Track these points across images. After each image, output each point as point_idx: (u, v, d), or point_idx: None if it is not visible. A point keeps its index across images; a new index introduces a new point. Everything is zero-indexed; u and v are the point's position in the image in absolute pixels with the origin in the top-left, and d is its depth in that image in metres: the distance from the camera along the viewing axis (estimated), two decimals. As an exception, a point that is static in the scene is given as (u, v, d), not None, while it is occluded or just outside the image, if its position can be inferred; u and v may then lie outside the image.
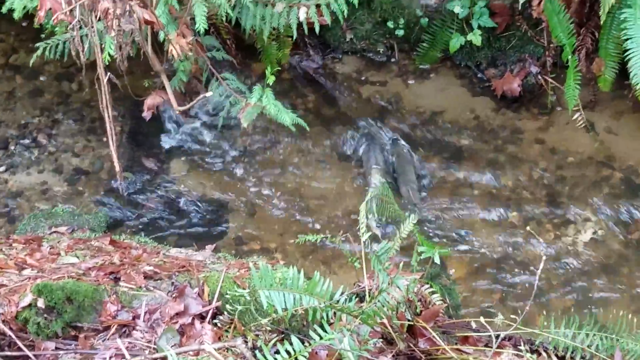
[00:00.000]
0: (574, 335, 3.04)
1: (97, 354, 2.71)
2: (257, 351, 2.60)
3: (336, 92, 4.95)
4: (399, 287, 2.83)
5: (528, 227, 4.21)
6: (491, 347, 2.95)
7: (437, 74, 5.05)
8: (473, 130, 4.73)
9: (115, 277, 3.01)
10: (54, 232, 3.93)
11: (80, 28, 3.66)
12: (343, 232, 3.72)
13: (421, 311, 3.06)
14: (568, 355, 3.03)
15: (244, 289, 2.84)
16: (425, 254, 3.01)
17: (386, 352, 2.90)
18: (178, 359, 2.58)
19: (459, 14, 4.72)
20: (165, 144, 4.62)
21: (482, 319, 2.85)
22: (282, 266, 3.08)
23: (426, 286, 3.27)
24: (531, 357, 2.89)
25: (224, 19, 4.17)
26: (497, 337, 3.05)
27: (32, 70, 4.79)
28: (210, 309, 2.89)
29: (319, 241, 3.17)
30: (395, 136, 4.66)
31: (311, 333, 2.64)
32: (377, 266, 2.85)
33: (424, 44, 4.96)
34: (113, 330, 2.80)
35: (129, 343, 2.74)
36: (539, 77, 4.84)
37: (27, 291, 2.80)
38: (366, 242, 2.99)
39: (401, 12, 4.90)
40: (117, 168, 4.15)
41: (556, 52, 4.72)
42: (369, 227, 3.03)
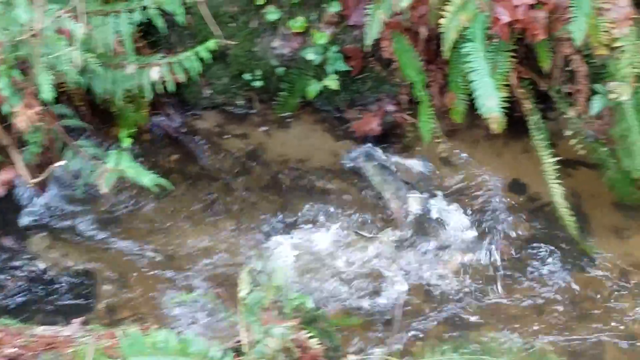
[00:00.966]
0: (450, 361, 3.12)
1: None
2: (132, 421, 2.54)
3: (199, 149, 4.92)
4: (274, 337, 2.83)
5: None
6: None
7: (298, 120, 5.09)
8: (339, 173, 4.78)
9: (-25, 364, 2.89)
10: None
11: None
12: (218, 287, 3.74)
13: (300, 357, 3.06)
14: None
15: (115, 359, 2.78)
16: (298, 300, 3.02)
17: (267, 403, 2.88)
18: None
19: (313, 60, 4.79)
20: (23, 219, 4.48)
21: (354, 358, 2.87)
22: (154, 330, 3.01)
23: (304, 332, 3.27)
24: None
25: (73, 85, 4.10)
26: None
27: None
28: (81, 385, 2.81)
29: (191, 300, 3.15)
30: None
31: (188, 395, 2.61)
32: (249, 318, 2.84)
33: (283, 93, 5.00)
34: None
35: None
36: (397, 115, 4.96)
37: None
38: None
39: (257, 63, 4.93)
40: (-29, 250, 4.00)
41: (410, 89, 4.83)
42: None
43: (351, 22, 4.77)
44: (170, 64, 4.23)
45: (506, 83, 4.31)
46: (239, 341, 3.22)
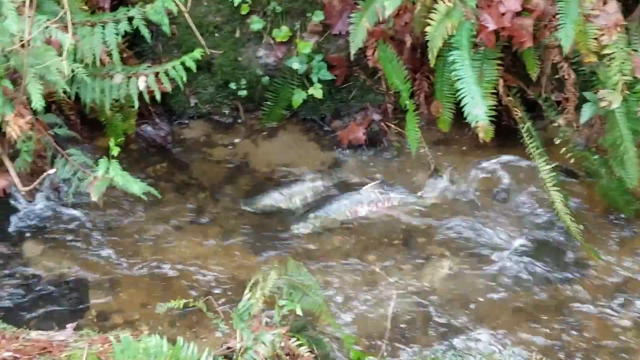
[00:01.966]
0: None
1: None
2: None
3: (186, 158, 4.96)
4: (264, 344, 2.86)
5: (376, 269, 4.31)
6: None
7: (284, 130, 5.14)
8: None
9: (-29, 368, 2.92)
10: None
11: None
12: (206, 294, 3.76)
13: (290, 364, 3.09)
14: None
15: (108, 364, 2.81)
16: (287, 307, 3.05)
17: (259, 409, 2.92)
18: None
19: (298, 69, 4.84)
20: (15, 226, 4.50)
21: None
22: (145, 336, 3.04)
23: (293, 339, 3.31)
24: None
25: (63, 95, 4.13)
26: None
27: None
28: (75, 389, 2.84)
29: (182, 307, 3.17)
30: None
31: (181, 399, 2.64)
32: (239, 324, 2.88)
33: (268, 102, 5.05)
34: None
35: None
36: (382, 124, 5.01)
37: None
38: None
39: (242, 72, 4.98)
40: (-35, 256, 4.02)
41: (396, 98, 4.87)
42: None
43: (335, 31, 4.83)
44: (156, 74, 4.26)
45: (493, 91, 4.34)
46: (229, 347, 3.26)
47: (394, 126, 4.94)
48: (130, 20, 4.23)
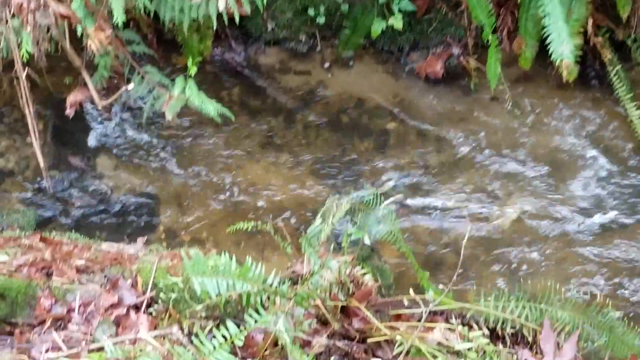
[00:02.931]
0: (504, 307, 3.13)
1: (33, 347, 2.69)
2: (193, 337, 2.61)
3: (261, 83, 4.95)
4: (330, 269, 2.86)
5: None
6: (423, 323, 3.01)
7: (360, 60, 5.08)
8: (399, 114, 4.78)
9: (48, 273, 2.99)
10: (-18, 232, 3.86)
11: (-5, 25, 3.60)
12: (273, 218, 3.78)
13: (354, 292, 3.09)
14: (499, 327, 3.11)
15: (177, 277, 2.85)
16: (355, 236, 3.04)
17: (321, 332, 2.93)
18: (115, 348, 2.58)
19: (378, -1, 4.76)
20: (91, 141, 4.55)
21: (413, 294, 2.90)
22: (214, 254, 3.07)
23: (358, 268, 3.31)
24: (463, 330, 2.95)
25: (142, 11, 4.13)
26: (428, 312, 3.12)
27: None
28: (144, 299, 2.88)
29: (250, 229, 3.19)
30: None
31: (246, 317, 2.66)
32: (307, 249, 2.88)
33: (346, 31, 4.99)
34: (48, 324, 2.79)
35: (65, 336, 2.72)
36: (462, 58, 4.92)
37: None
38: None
39: (321, -1, 4.93)
40: (42, 166, 4.08)
41: (477, 33, 4.79)
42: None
43: (419, -40, 4.72)
44: (236, -5, 4.23)
45: (581, 30, 4.22)
46: (294, 271, 3.28)
47: (473, 61, 4.83)
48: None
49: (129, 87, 3.86)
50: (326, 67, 5.02)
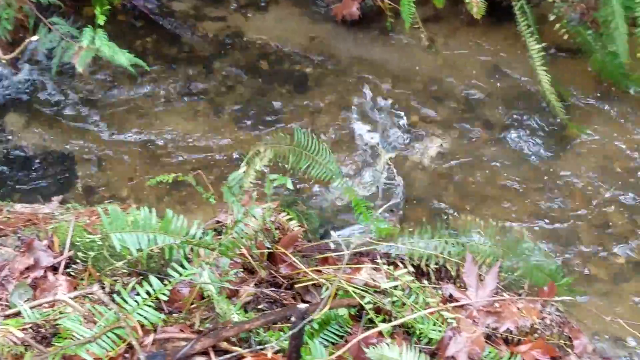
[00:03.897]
0: (427, 244, 3.17)
1: (-57, 316, 2.60)
2: (115, 295, 2.56)
3: (176, 31, 4.83)
4: (254, 217, 2.83)
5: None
6: (350, 265, 3.02)
7: (276, 4, 5.02)
8: (317, 57, 4.73)
9: (-44, 238, 2.90)
10: None
11: None
12: (195, 170, 3.71)
13: (280, 238, 3.08)
14: (423, 263, 3.14)
15: (95, 235, 2.78)
16: (278, 182, 3.01)
17: (248, 281, 2.92)
18: (33, 312, 2.52)
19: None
20: (-3, 97, 4.42)
21: (337, 237, 2.89)
22: (133, 209, 3.01)
23: (283, 214, 3.29)
24: (388, 268, 2.97)
25: (45, -40, 3.98)
26: (354, 254, 3.14)
27: None
28: (62, 260, 2.81)
29: (171, 181, 3.13)
30: None
31: (170, 271, 2.62)
32: (229, 197, 2.84)
33: (261, -26, 4.91)
34: (-41, 292, 2.70)
35: (-22, 303, 2.65)
36: (377, -1, 4.88)
37: None
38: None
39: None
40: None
41: (390, -27, 4.75)
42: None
43: None
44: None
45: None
46: (218, 221, 3.24)
47: (388, 1, 4.80)
48: None
49: (33, 39, 3.72)
50: (242, 12, 4.92)
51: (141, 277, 2.73)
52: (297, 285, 2.95)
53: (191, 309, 2.73)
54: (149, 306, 2.52)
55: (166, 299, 2.57)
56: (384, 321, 2.81)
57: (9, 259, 2.78)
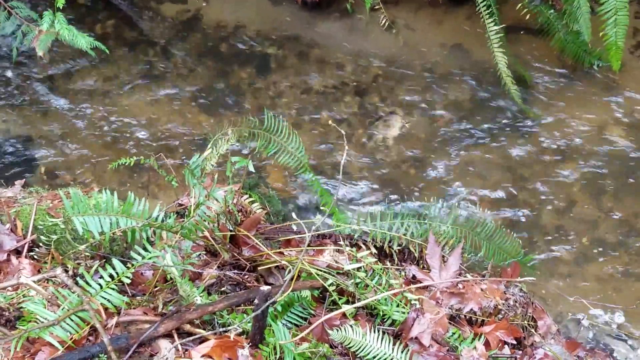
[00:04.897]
0: (390, 226, 3.19)
1: None
2: (78, 278, 2.57)
3: (135, 15, 4.81)
4: (216, 199, 2.85)
5: (331, 122, 4.29)
6: (312, 247, 3.05)
7: (237, -14, 5.01)
8: (278, 39, 4.73)
9: None
10: None
11: None
12: (157, 153, 3.71)
13: (242, 221, 3.09)
14: (386, 245, 3.17)
15: (58, 219, 2.78)
16: (239, 164, 3.02)
17: (211, 264, 2.94)
18: (-5, 297, 2.52)
19: None
20: (-44, 83, 4.37)
21: (297, 219, 2.91)
22: (95, 193, 3.01)
23: (245, 196, 3.31)
24: (351, 250, 2.99)
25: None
26: (317, 236, 3.16)
27: None
28: (25, 243, 2.82)
29: (133, 165, 3.13)
30: None
31: (132, 254, 2.63)
32: (191, 180, 2.85)
33: (218, -46, 4.88)
34: None
35: (-60, 289, 2.63)
36: (337, -20, 4.88)
37: None
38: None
39: None
40: None
41: (350, -47, 4.75)
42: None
43: None
44: None
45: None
46: (181, 204, 3.25)
47: (349, -17, 4.82)
48: None
49: (-9, 23, 3.69)
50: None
51: (104, 260, 2.74)
52: (260, 268, 2.97)
53: (154, 292, 2.75)
54: (112, 289, 2.54)
55: (129, 281, 2.59)
56: (347, 303, 2.85)
57: (-28, 243, 2.78)
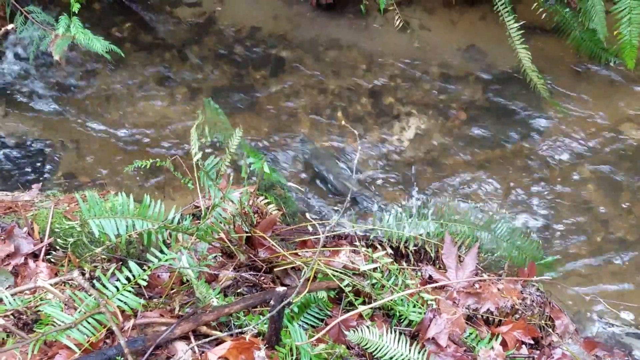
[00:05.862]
0: (405, 226, 3.18)
1: None
2: (95, 281, 2.57)
3: (151, 18, 4.83)
4: (232, 201, 2.85)
5: (343, 122, 4.29)
6: (328, 247, 3.04)
7: (251, -13, 5.02)
8: (292, 41, 4.74)
9: (-63, 229, 2.90)
10: None
11: None
12: (173, 155, 3.72)
13: (258, 222, 3.09)
14: (402, 245, 3.16)
15: (74, 222, 2.79)
16: (255, 165, 3.02)
17: (227, 265, 2.93)
18: (14, 299, 2.53)
19: None
20: (-27, 88, 4.40)
21: (312, 220, 2.91)
22: (111, 195, 3.02)
23: (261, 198, 3.31)
24: (367, 251, 2.99)
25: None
26: (333, 237, 3.16)
27: None
28: (42, 246, 2.83)
29: (149, 167, 3.13)
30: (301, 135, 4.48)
31: (149, 256, 2.63)
32: (206, 182, 2.85)
33: (235, -44, 4.89)
34: (-59, 281, 2.71)
35: (-41, 290, 2.65)
36: (349, -18, 4.89)
37: None
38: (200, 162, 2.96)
39: None
40: None
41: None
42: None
43: None
44: None
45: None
46: (196, 206, 3.26)
47: (364, -17, 4.82)
48: None
49: (8, 27, 3.71)
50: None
51: (121, 262, 2.75)
52: (276, 269, 2.97)
53: (171, 294, 2.75)
54: (129, 291, 2.54)
55: (146, 284, 2.60)
56: (363, 303, 2.84)
57: (-10, 247, 2.80)
